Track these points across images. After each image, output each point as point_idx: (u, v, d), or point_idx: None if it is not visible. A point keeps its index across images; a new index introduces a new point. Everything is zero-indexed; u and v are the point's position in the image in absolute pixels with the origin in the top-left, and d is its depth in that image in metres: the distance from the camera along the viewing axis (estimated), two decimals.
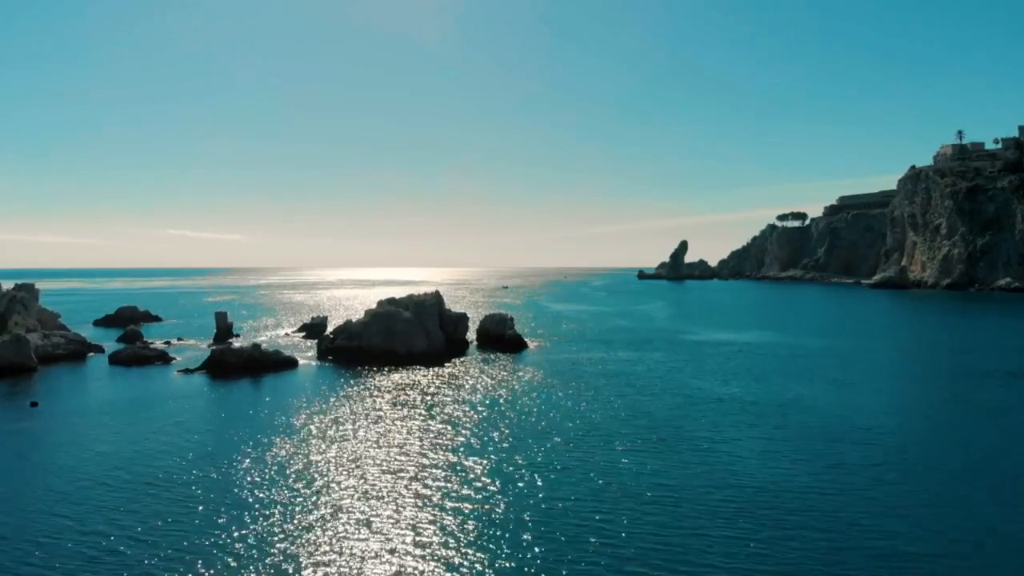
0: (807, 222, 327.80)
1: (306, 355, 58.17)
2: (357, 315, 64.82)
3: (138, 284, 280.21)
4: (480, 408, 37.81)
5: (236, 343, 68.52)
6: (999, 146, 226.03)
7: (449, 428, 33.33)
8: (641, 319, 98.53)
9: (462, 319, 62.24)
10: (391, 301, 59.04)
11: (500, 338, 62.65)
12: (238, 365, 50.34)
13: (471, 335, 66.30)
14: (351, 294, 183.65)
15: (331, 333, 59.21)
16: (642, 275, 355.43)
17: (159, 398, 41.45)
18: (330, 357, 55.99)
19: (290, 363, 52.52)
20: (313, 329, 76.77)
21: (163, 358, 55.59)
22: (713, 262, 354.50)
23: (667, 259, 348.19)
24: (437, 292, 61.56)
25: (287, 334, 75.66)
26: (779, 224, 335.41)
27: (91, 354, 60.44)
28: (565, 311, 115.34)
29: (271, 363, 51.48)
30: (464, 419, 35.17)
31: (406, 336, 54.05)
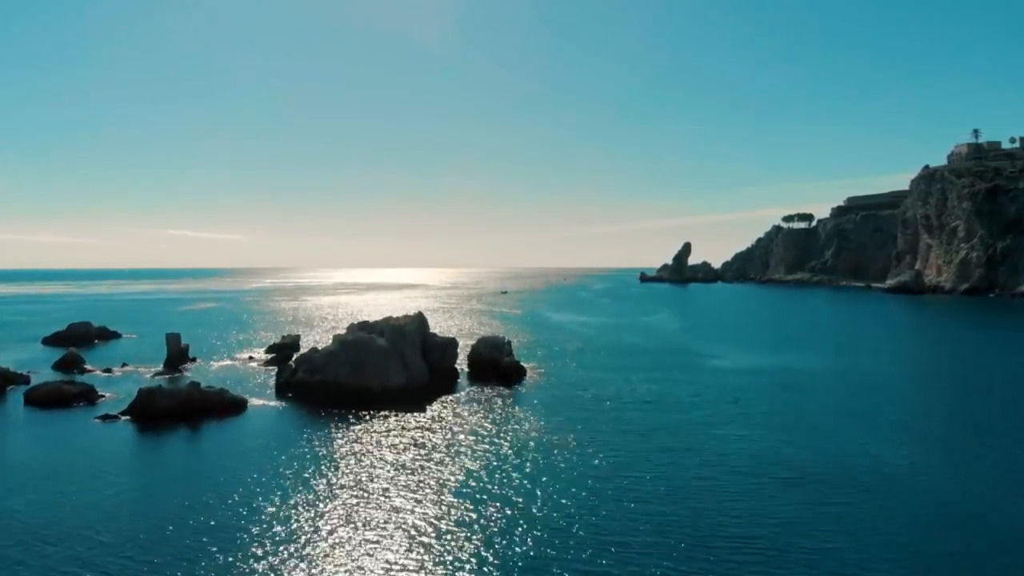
0: (814, 223, 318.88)
1: (263, 391, 48.68)
2: (339, 331, 55.41)
3: (125, 288, 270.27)
4: (459, 479, 28.40)
5: (190, 370, 59.23)
6: (1017, 145, 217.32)
7: (408, 519, 23.87)
8: (652, 335, 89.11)
9: (449, 345, 52.62)
10: (363, 325, 49.53)
11: (495, 366, 53.23)
12: (171, 409, 40.90)
13: (462, 361, 56.92)
14: (342, 301, 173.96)
15: (294, 362, 49.77)
16: (644, 277, 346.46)
17: (57, 466, 31.80)
18: (290, 394, 46.57)
19: (238, 405, 43.08)
20: (282, 351, 67.40)
21: (87, 396, 46.11)
22: (714, 262, 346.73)
23: (669, 261, 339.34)
24: (420, 314, 51.99)
25: (251, 357, 66.19)
26: (785, 225, 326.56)
27: (11, 387, 50.90)
28: (567, 323, 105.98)
29: (213, 406, 42.05)
30: (436, 499, 25.75)
31: (380, 369, 44.61)
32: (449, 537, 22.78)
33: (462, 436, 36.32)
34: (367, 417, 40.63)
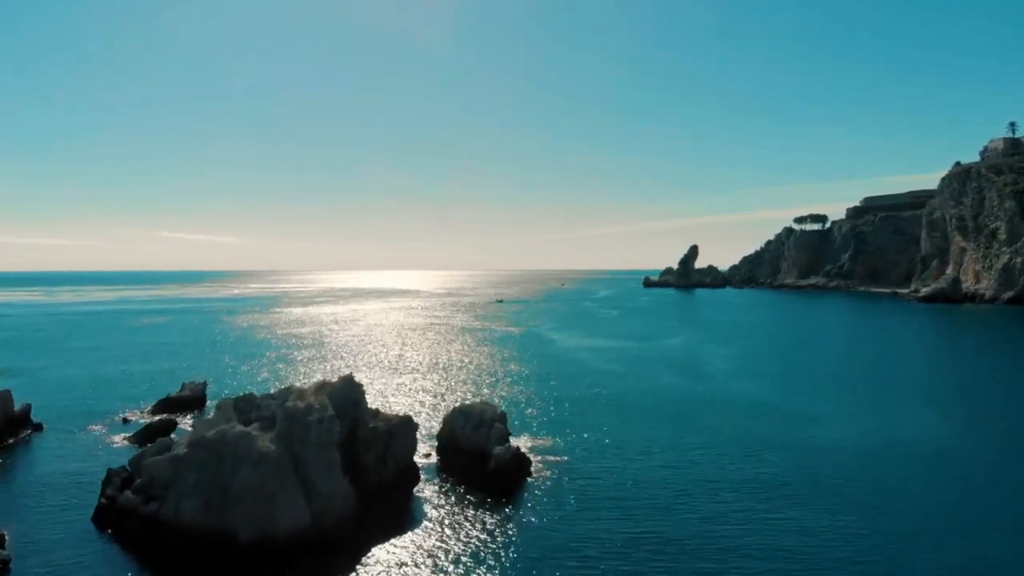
0: (827, 225, 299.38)
1: (77, 514, 28.21)
2: (300, 371, 34.76)
3: (93, 296, 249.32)
4: None
5: (24, 444, 38.87)
6: None
7: None
8: (695, 375, 68.64)
9: (398, 432, 31.11)
10: (242, 403, 28.65)
11: (481, 459, 32.83)
12: None
13: (426, 444, 36.61)
14: (313, 315, 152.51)
15: (129, 464, 29.14)
16: (648, 282, 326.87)
17: None
18: (109, 530, 26.16)
19: None
20: (179, 408, 47.26)
21: None
22: (718, 264, 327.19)
23: (674, 264, 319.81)
24: (348, 381, 30.64)
25: (126, 420, 45.54)
26: (797, 227, 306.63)
27: None
28: (576, 351, 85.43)
29: None
30: None
31: (259, 501, 24.07)
32: None
33: None
34: None
